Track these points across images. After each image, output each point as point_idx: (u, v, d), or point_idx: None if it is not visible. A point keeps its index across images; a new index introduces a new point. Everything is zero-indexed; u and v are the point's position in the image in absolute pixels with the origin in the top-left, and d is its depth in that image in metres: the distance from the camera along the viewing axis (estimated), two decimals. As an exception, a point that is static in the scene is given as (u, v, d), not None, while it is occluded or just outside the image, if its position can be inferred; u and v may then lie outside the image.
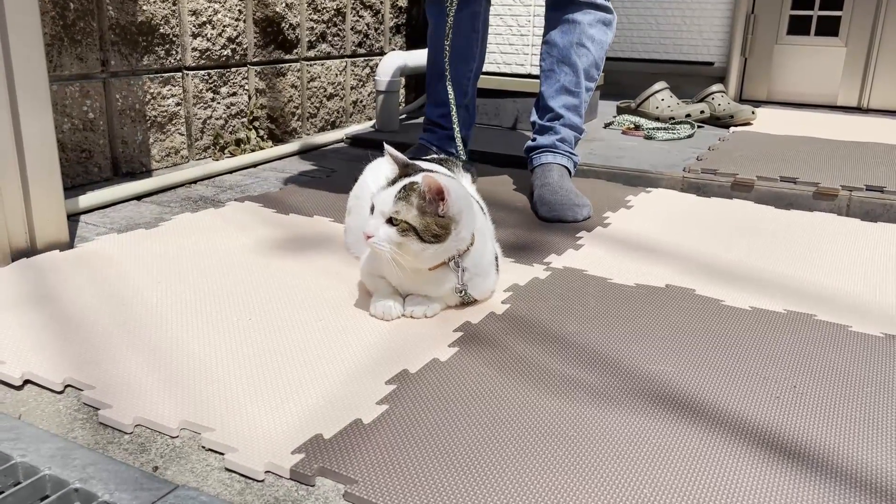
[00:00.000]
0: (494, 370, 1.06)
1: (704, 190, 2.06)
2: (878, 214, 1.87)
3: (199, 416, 0.93)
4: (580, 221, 1.74)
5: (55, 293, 1.27)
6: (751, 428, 0.94)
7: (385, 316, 1.20)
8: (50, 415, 0.95)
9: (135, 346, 1.10)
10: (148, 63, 2.05)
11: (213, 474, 0.84)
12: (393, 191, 1.14)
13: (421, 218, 1.12)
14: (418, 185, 1.13)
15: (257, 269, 1.41)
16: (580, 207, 1.76)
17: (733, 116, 2.84)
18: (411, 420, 0.93)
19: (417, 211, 1.12)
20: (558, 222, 1.74)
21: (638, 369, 1.07)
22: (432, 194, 1.12)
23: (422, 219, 1.12)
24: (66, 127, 1.86)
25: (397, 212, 1.12)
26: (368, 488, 0.80)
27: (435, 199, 1.12)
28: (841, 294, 1.37)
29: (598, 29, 1.85)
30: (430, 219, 1.12)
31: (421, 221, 1.12)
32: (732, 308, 1.29)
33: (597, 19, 1.84)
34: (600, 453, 0.87)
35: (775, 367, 1.09)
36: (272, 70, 2.46)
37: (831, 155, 2.30)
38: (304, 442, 0.88)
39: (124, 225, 1.68)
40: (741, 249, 1.60)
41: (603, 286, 1.37)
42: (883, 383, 1.05)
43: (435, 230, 1.12)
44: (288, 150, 2.42)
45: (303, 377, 1.02)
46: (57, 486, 0.81)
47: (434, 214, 1.12)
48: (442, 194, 1.11)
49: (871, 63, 3.26)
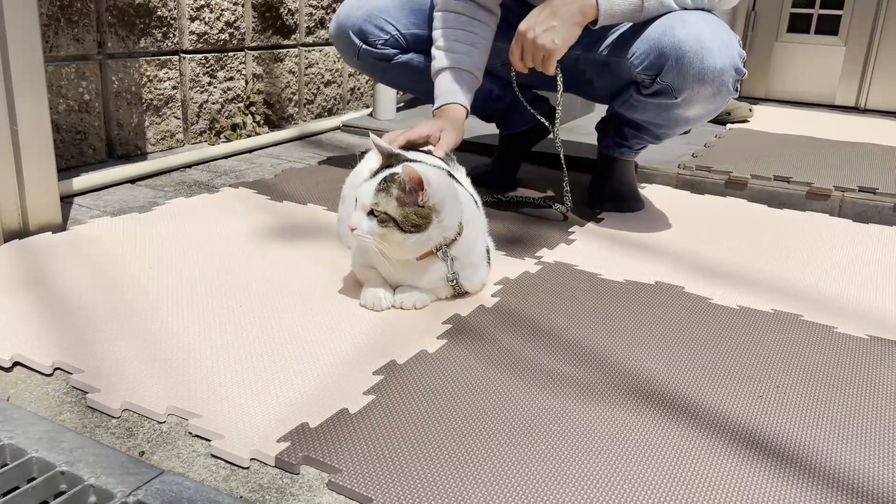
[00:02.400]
0: (482, 363, 1.07)
1: (698, 187, 2.06)
2: (869, 216, 1.88)
3: (187, 402, 0.93)
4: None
5: (46, 275, 1.28)
6: (732, 426, 0.95)
7: (375, 306, 1.21)
8: (38, 397, 0.96)
9: (125, 331, 1.10)
10: (145, 45, 2.04)
11: (199, 460, 0.85)
12: (374, 183, 1.15)
13: (400, 208, 1.13)
14: (398, 176, 1.14)
15: (249, 256, 1.42)
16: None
17: (731, 113, 2.84)
18: (397, 411, 0.94)
19: (396, 202, 1.13)
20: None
21: (623, 365, 1.08)
22: (412, 184, 1.12)
23: (401, 209, 1.13)
24: (62, 108, 1.86)
25: (377, 203, 1.13)
26: (352, 477, 0.81)
27: (415, 188, 1.13)
28: (828, 295, 1.38)
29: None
30: (409, 209, 1.13)
31: (400, 212, 1.13)
32: (720, 306, 1.30)
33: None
34: (582, 447, 0.88)
35: (760, 366, 1.10)
36: (270, 55, 2.45)
37: (826, 155, 2.30)
38: (289, 430, 0.88)
39: (118, 208, 1.68)
40: (732, 248, 1.61)
41: (593, 282, 1.38)
42: (865, 385, 1.06)
43: (414, 220, 1.13)
44: (284, 137, 2.42)
45: (290, 366, 1.03)
46: (44, 468, 0.82)
47: (414, 204, 1.13)
48: (421, 184, 1.12)
49: (870, 63, 3.26)
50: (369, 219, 1.14)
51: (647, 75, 1.53)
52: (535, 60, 1.50)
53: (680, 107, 1.55)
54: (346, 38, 1.79)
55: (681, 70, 1.46)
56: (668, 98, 1.53)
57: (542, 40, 1.46)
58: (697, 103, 1.53)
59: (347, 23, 1.78)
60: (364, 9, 1.77)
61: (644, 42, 1.51)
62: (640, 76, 1.54)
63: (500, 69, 1.78)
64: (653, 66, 1.50)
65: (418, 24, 1.76)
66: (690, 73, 1.46)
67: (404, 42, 1.77)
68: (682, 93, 1.50)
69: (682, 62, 1.46)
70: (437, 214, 1.15)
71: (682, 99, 1.52)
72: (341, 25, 1.80)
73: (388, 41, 1.77)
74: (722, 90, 1.51)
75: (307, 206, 1.74)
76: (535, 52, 1.48)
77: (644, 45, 1.51)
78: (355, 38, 1.77)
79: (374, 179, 1.16)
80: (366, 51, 1.78)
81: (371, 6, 1.77)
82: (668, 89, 1.51)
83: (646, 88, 1.56)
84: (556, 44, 1.46)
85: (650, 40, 1.50)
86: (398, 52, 1.78)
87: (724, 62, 1.46)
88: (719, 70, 1.46)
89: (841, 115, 3.17)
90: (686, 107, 1.55)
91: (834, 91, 3.36)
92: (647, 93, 1.57)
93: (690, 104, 1.54)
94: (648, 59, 1.50)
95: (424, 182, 1.12)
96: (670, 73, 1.48)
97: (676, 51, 1.45)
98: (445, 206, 1.16)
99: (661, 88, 1.52)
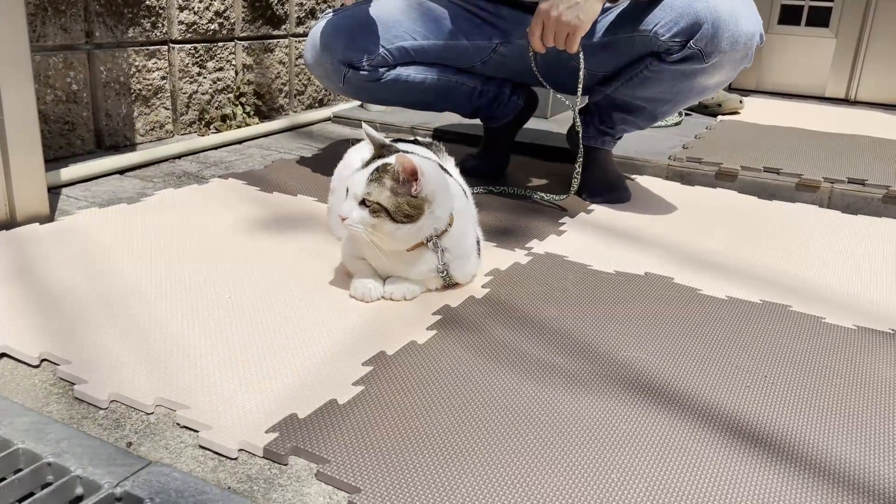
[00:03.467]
0: (472, 353, 1.07)
1: (689, 178, 2.07)
2: (858, 207, 1.89)
3: (175, 393, 0.93)
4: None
5: (34, 266, 1.27)
6: (720, 416, 0.95)
7: (364, 297, 1.21)
8: (25, 389, 0.95)
9: (113, 322, 1.10)
10: (133, 35, 2.02)
11: (187, 451, 0.85)
12: (366, 173, 1.15)
13: (392, 199, 1.13)
14: (391, 166, 1.13)
15: (239, 247, 1.41)
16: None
17: (721, 105, 2.84)
18: (386, 401, 0.94)
19: (389, 192, 1.13)
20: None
21: (612, 355, 1.09)
22: (406, 174, 1.12)
23: (393, 199, 1.13)
24: (49, 98, 1.84)
25: (369, 193, 1.13)
26: (340, 468, 0.81)
27: (408, 179, 1.12)
28: (816, 286, 1.38)
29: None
30: (401, 199, 1.13)
31: (392, 202, 1.12)
32: (709, 297, 1.30)
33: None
34: (571, 437, 0.89)
35: (748, 357, 1.10)
36: (260, 45, 2.44)
37: (816, 146, 2.31)
38: (278, 421, 0.88)
39: (106, 199, 1.67)
40: (721, 239, 1.61)
41: (583, 272, 1.38)
42: (852, 374, 1.07)
43: (407, 210, 1.13)
44: (274, 128, 2.40)
45: (279, 357, 1.03)
46: (30, 459, 0.82)
47: (406, 195, 1.13)
48: (415, 174, 1.12)
49: (861, 55, 3.27)
50: (361, 208, 1.13)
51: (675, 42, 1.55)
52: (557, 38, 1.52)
53: (706, 72, 1.58)
54: (330, 66, 1.72)
55: (716, 34, 1.50)
56: (697, 63, 1.56)
57: (566, 17, 1.48)
58: (724, 68, 1.58)
59: (328, 52, 1.71)
60: (343, 34, 1.71)
61: (670, 10, 1.54)
62: (667, 44, 1.56)
63: (481, 67, 1.81)
64: (684, 31, 1.53)
65: (401, 37, 1.73)
66: (725, 36, 1.51)
67: (391, 58, 1.73)
68: (712, 57, 1.54)
69: (719, 25, 1.50)
70: (429, 205, 1.15)
71: (710, 64, 1.55)
72: (321, 55, 1.73)
73: (375, 61, 1.72)
74: (749, 55, 1.57)
75: (297, 198, 1.73)
76: (558, 30, 1.50)
77: (671, 13, 1.54)
78: (340, 66, 1.71)
79: (367, 169, 1.16)
80: (352, 75, 1.72)
81: (349, 28, 1.71)
82: (699, 54, 1.54)
83: (672, 55, 1.57)
84: (581, 19, 1.48)
85: (679, 8, 1.53)
86: (386, 70, 1.74)
87: (755, 27, 1.54)
88: (751, 34, 1.53)
89: (831, 108, 3.18)
90: (712, 72, 1.59)
91: (824, 83, 3.36)
92: (673, 59, 1.58)
93: (717, 69, 1.58)
94: (679, 26, 1.53)
95: (418, 172, 1.11)
96: (704, 38, 1.51)
97: (713, 14, 1.49)
98: (437, 197, 1.16)
99: (690, 54, 1.55)
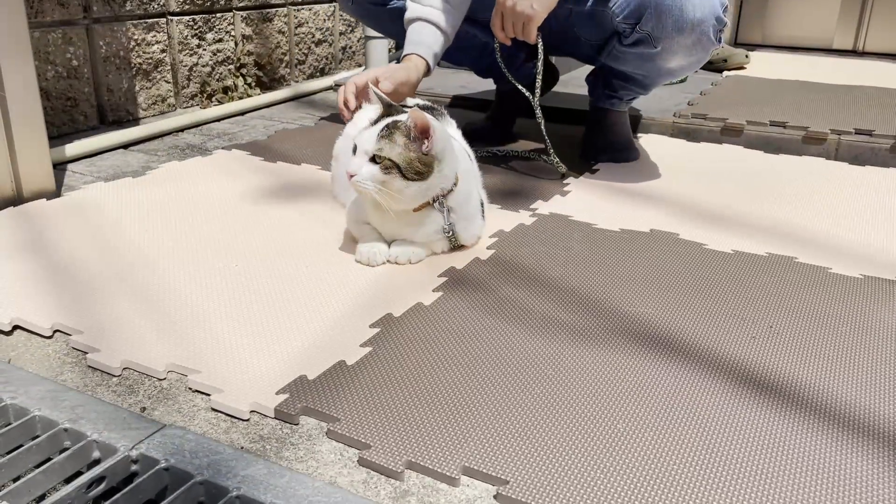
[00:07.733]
0: (477, 312, 1.08)
1: (694, 135, 2.05)
2: (865, 158, 1.87)
3: (186, 359, 0.95)
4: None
5: (43, 241, 1.28)
6: (725, 366, 0.96)
7: (370, 261, 1.22)
8: (39, 359, 0.97)
9: (122, 292, 1.11)
10: (131, 8, 2.01)
11: (200, 414, 0.87)
12: (376, 129, 1.15)
13: (405, 153, 1.13)
14: (402, 123, 1.14)
15: (245, 216, 1.42)
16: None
17: (727, 60, 2.81)
18: (393, 361, 0.95)
19: (401, 148, 1.13)
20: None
21: (618, 310, 1.09)
22: (418, 131, 1.12)
23: (406, 154, 1.13)
24: (50, 74, 1.84)
25: (380, 149, 1.12)
26: (350, 426, 0.83)
27: (420, 136, 1.13)
28: (823, 237, 1.38)
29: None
30: (413, 155, 1.13)
31: (405, 157, 1.13)
32: (715, 252, 1.30)
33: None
34: (577, 389, 0.89)
35: (754, 308, 1.11)
36: (258, 15, 2.42)
37: (823, 99, 2.28)
38: (288, 383, 0.90)
39: (111, 173, 1.67)
40: (727, 194, 1.60)
41: (588, 231, 1.38)
42: (858, 323, 1.07)
43: (418, 167, 1.13)
44: (276, 98, 2.39)
45: (288, 321, 1.04)
46: (47, 426, 0.84)
47: (418, 151, 1.13)
48: (428, 131, 1.12)
49: (868, 6, 3.21)
50: (371, 165, 1.13)
51: (627, 24, 1.52)
52: (515, 28, 1.48)
53: (661, 57, 1.54)
54: None
55: (659, 18, 1.46)
56: (648, 48, 1.52)
57: (520, 6, 1.45)
58: (678, 53, 1.52)
59: None
60: None
61: None
62: (620, 25, 1.53)
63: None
64: (632, 14, 1.49)
65: None
66: (669, 21, 1.45)
67: None
68: (660, 42, 1.49)
69: (661, 10, 1.45)
70: (438, 164, 1.16)
71: (661, 48, 1.51)
72: None
73: None
74: (702, 40, 1.49)
75: (301, 166, 1.73)
76: (514, 20, 1.47)
77: None
78: None
79: (376, 127, 1.16)
80: None
81: None
82: (648, 38, 1.50)
83: (626, 38, 1.55)
84: (535, 9, 1.44)
85: None
86: None
87: (703, 12, 1.45)
88: (698, 20, 1.45)
89: (839, 59, 3.13)
90: (666, 57, 1.54)
91: (831, 35, 3.31)
92: (627, 42, 1.55)
93: (671, 54, 1.53)
94: (629, 8, 1.49)
95: (431, 129, 1.12)
96: (649, 22, 1.47)
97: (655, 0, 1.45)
98: (446, 156, 1.17)
99: (640, 37, 1.51)
